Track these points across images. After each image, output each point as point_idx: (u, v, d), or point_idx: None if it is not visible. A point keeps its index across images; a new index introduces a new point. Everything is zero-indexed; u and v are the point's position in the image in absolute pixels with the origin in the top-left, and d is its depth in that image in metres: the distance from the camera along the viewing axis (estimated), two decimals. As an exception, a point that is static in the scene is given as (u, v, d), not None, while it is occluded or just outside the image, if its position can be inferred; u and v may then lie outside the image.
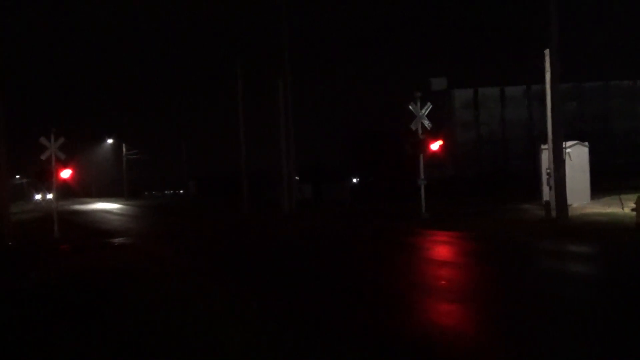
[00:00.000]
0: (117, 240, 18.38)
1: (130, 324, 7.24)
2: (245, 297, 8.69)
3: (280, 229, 20.70)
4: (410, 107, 20.39)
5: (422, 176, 20.41)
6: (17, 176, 69.65)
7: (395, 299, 8.19)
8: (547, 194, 18.66)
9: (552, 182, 17.54)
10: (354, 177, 47.42)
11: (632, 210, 14.57)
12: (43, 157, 19.82)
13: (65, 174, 20.42)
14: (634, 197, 15.22)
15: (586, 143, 20.76)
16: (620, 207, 17.35)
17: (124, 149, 65.22)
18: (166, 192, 76.54)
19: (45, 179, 20.90)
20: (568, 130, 20.31)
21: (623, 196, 17.90)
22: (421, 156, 20.36)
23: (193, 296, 8.85)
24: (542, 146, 20.16)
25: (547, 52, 17.79)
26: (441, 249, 13.97)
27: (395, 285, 9.25)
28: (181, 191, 69.81)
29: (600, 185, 21.71)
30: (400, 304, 7.84)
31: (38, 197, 67.97)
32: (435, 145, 20.14)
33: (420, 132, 20.25)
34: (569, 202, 17.25)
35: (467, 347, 5.81)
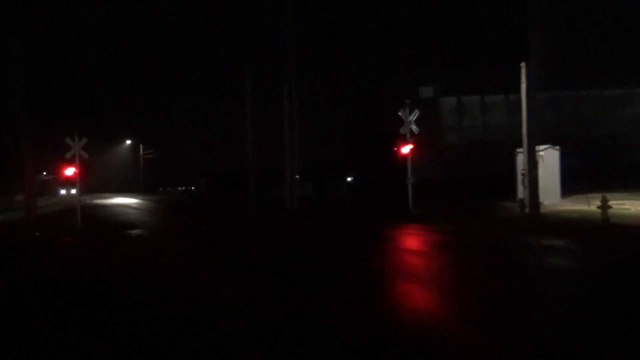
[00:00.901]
0: (134, 232, 18.67)
1: (140, 315, 7.33)
2: (240, 285, 8.98)
3: (281, 226, 20.98)
4: (400, 113, 20.68)
5: (409, 175, 20.70)
6: (44, 173, 69.99)
7: (383, 286, 8.51)
8: (521, 192, 18.97)
9: (526, 182, 17.83)
10: (353, 176, 47.68)
11: (597, 207, 14.86)
12: (67, 156, 20.13)
13: (88, 171, 20.73)
14: (599, 196, 15.51)
15: (557, 147, 21.07)
16: (587, 205, 17.64)
17: (141, 150, 65.61)
18: (178, 188, 76.82)
19: (62, 177, 21.22)
20: (545, 136, 20.59)
21: (590, 195, 18.22)
22: (409, 158, 20.66)
23: (199, 289, 9.12)
24: (518, 150, 20.49)
25: (523, 64, 18.07)
26: (424, 242, 14.27)
27: (384, 275, 9.56)
28: (192, 188, 70.09)
29: (573, 186, 22.01)
30: (387, 291, 8.16)
31: (63, 192, 68.36)
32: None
33: (408, 136, 20.54)
34: (541, 200, 17.56)
35: (448, 329, 6.11)
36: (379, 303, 7.19)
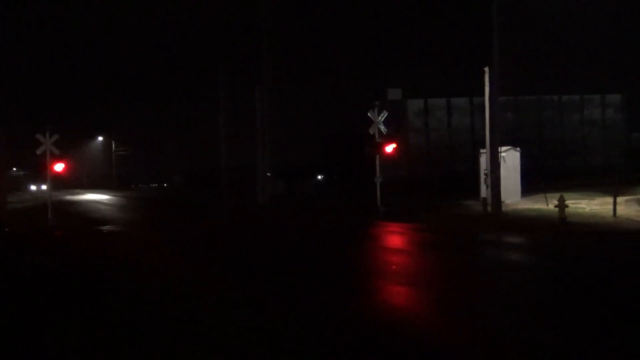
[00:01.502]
0: (106, 228, 18.20)
1: (115, 308, 7.13)
2: (217, 280, 8.82)
3: (253, 221, 20.80)
4: (369, 114, 20.70)
5: (378, 174, 20.75)
6: (14, 168, 67.92)
7: (351, 280, 8.46)
8: (484, 191, 19.21)
9: (489, 182, 18.05)
10: (321, 175, 47.66)
11: (555, 206, 15.14)
12: (38, 152, 19.47)
13: (59, 167, 20.08)
14: (557, 195, 15.82)
15: (518, 148, 21.41)
16: (545, 204, 17.97)
17: (113, 146, 64.30)
18: (152, 185, 75.48)
19: (40, 172, 20.58)
20: (507, 138, 20.90)
21: (548, 195, 18.53)
22: (377, 157, 20.70)
23: (172, 280, 8.93)
24: (481, 150, 20.74)
25: (486, 69, 18.30)
26: (392, 238, 14.31)
27: (351, 268, 9.52)
28: (165, 185, 68.97)
29: (532, 185, 22.37)
30: (356, 285, 8.11)
31: (33, 188, 66.35)
32: (389, 148, 20.50)
33: (377, 136, 20.57)
34: (503, 199, 17.80)
35: (413, 319, 6.08)
36: (349, 295, 7.14)
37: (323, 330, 5.67)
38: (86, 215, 24.32)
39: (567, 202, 14.90)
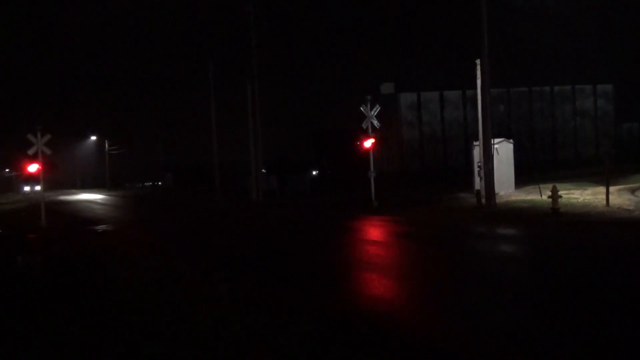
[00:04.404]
0: (100, 227, 18.09)
1: (107, 305, 7.03)
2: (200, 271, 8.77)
3: (250, 218, 20.73)
4: (362, 108, 20.63)
5: (372, 169, 20.72)
6: (7, 170, 67.46)
7: (345, 274, 8.43)
8: (478, 184, 19.21)
9: (482, 174, 18.05)
10: (314, 170, 47.63)
11: (548, 197, 15.16)
12: (30, 153, 19.31)
13: (51, 167, 19.95)
14: (550, 186, 15.84)
15: (511, 140, 21.42)
16: (539, 195, 18.01)
17: (106, 145, 63.96)
18: (145, 183, 75.15)
19: (33, 173, 20.39)
20: (498, 130, 20.93)
21: (542, 186, 18.57)
22: (371, 152, 20.66)
23: (164, 276, 8.85)
24: (474, 143, 20.73)
25: (478, 61, 18.27)
26: (387, 232, 14.29)
27: (346, 263, 9.50)
28: (159, 182, 68.69)
29: (524, 177, 22.42)
30: (351, 279, 8.08)
31: (27, 188, 65.98)
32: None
33: (370, 130, 20.53)
34: (496, 191, 17.81)
35: (400, 309, 6.06)
36: (341, 289, 7.10)
37: (314, 325, 5.62)
38: (80, 215, 24.16)
39: (560, 192, 14.91)
